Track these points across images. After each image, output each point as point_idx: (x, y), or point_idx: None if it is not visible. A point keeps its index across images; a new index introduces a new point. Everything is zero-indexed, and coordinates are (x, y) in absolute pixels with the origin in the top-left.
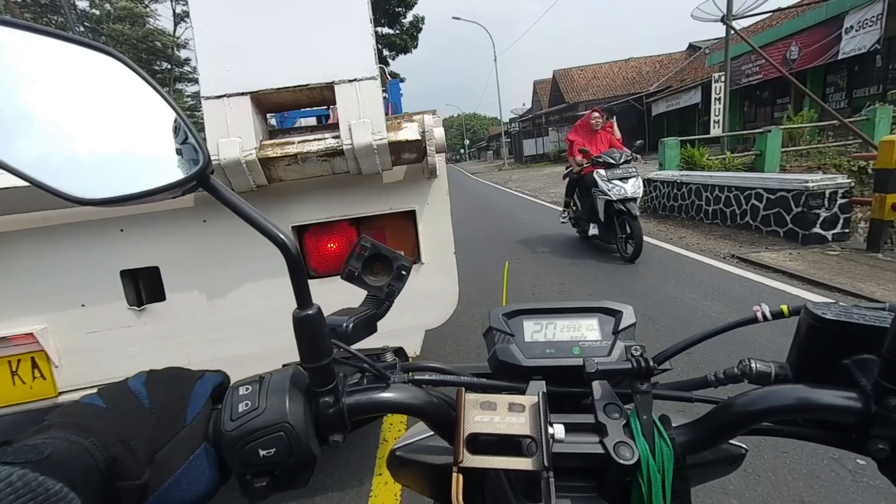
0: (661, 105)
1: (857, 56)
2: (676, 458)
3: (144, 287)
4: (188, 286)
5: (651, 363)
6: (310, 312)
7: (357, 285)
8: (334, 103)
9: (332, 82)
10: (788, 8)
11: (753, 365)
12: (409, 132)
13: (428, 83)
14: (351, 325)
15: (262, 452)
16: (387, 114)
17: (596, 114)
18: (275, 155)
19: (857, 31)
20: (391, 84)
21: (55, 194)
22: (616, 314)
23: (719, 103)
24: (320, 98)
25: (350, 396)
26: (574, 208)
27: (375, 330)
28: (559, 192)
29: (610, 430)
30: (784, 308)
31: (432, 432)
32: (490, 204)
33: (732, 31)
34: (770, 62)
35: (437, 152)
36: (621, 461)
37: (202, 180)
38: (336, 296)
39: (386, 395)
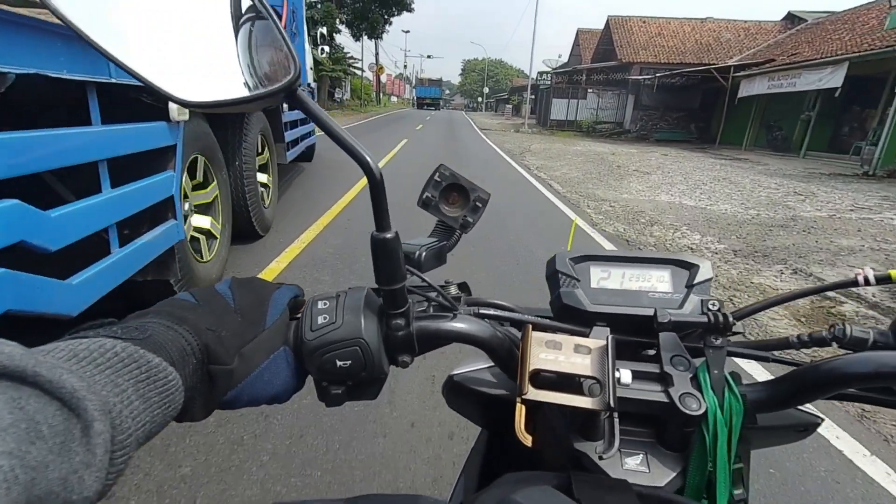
0: (757, 83)
1: None
2: (746, 413)
3: None
4: None
5: (730, 318)
6: (388, 236)
7: (433, 213)
8: None
9: None
10: None
11: (848, 329)
12: None
13: (454, 11)
14: (424, 254)
15: (339, 363)
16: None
17: None
18: None
19: None
20: None
21: (163, 95)
22: (691, 267)
23: None
24: None
25: (419, 322)
26: None
27: (445, 261)
28: (615, 198)
29: (676, 381)
30: (893, 273)
31: (489, 364)
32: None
33: None
34: None
35: None
36: (686, 411)
37: (290, 92)
38: None
39: (453, 324)
